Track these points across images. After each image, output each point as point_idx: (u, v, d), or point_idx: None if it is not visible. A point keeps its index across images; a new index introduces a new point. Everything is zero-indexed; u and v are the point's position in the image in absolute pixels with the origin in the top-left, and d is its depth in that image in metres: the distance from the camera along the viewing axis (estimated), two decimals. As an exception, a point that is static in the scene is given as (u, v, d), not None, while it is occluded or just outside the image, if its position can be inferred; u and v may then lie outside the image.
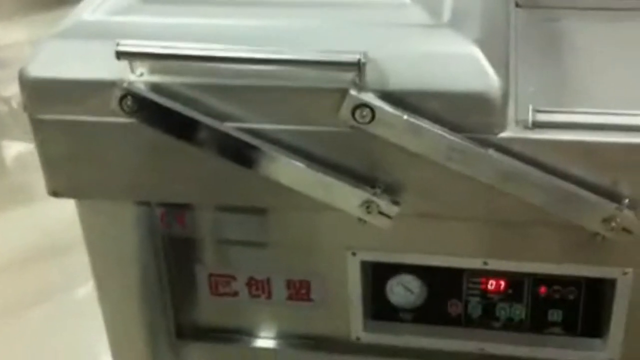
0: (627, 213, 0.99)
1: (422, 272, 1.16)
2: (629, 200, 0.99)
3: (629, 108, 1.02)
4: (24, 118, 1.10)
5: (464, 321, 1.19)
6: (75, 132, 1.07)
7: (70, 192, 1.13)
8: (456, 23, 1.04)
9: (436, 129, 0.98)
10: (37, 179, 1.14)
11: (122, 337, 1.28)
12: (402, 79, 0.99)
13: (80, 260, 1.45)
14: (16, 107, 3.04)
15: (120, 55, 1.00)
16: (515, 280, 1.15)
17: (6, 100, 2.97)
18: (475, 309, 1.18)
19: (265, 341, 1.25)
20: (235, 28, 1.06)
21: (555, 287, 1.15)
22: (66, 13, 1.14)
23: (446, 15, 1.05)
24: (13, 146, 2.82)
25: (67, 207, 1.24)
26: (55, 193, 1.11)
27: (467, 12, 1.07)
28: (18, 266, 2.29)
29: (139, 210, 1.16)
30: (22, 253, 2.33)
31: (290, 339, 1.24)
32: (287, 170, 1.03)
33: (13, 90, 2.92)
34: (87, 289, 2.16)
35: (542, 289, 1.15)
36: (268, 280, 1.19)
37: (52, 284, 2.23)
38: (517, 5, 1.33)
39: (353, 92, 0.98)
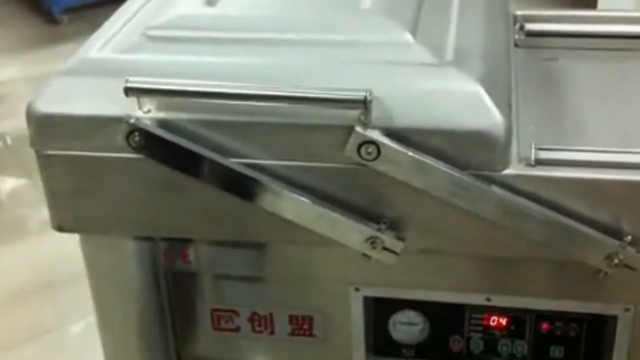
0: (630, 250, 1.01)
1: (424, 307, 1.16)
2: (631, 237, 1.01)
3: (627, 145, 1.04)
4: (19, 154, 1.11)
5: (466, 357, 1.19)
6: (81, 167, 1.08)
7: (75, 227, 1.13)
8: (459, 62, 1.06)
9: (441, 166, 1.00)
10: (31, 215, 1.15)
11: (122, 372, 1.27)
12: (407, 116, 1.00)
13: (74, 296, 1.45)
14: (11, 142, 3.04)
15: (128, 91, 1.01)
16: (518, 317, 1.16)
17: (1, 136, 2.98)
18: (477, 345, 1.18)
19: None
20: (241, 66, 1.07)
21: (557, 324, 1.15)
22: (61, 50, 1.16)
23: (449, 54, 1.07)
24: (8, 182, 2.81)
25: (61, 244, 1.24)
26: (60, 228, 1.12)
27: (470, 51, 1.09)
28: (11, 302, 2.27)
29: (142, 245, 1.16)
30: (15, 289, 2.32)
31: (293, 374, 1.24)
32: (292, 206, 1.04)
33: (8, 126, 2.94)
34: (80, 326, 2.15)
35: (544, 325, 1.16)
36: (270, 315, 1.20)
37: (45, 320, 2.22)
38: (515, 45, 1.35)
39: (359, 129, 0.99)
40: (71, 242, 1.19)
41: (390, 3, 1.15)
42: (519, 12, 1.39)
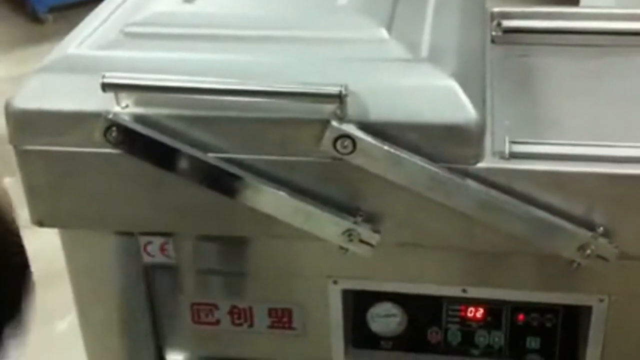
0: (602, 241, 1.02)
1: (402, 300, 1.18)
2: (604, 229, 1.02)
3: (599, 139, 1.06)
4: (3, 152, 1.11)
5: (444, 349, 1.21)
6: (59, 163, 1.08)
7: (55, 222, 1.14)
8: (434, 58, 1.07)
9: (416, 160, 1.01)
10: (16, 213, 1.15)
11: (104, 366, 1.28)
12: (382, 111, 1.02)
13: (59, 293, 1.45)
14: (-5, 141, 3.04)
15: (106, 87, 1.02)
16: (494, 308, 1.18)
17: (-15, 135, 2.98)
18: (454, 336, 1.20)
19: (247, 370, 1.26)
20: (218, 62, 1.08)
21: (533, 315, 1.17)
22: (45, 50, 1.16)
23: (424, 50, 1.09)
24: (-9, 180, 2.81)
25: (45, 241, 1.25)
26: (39, 223, 1.12)
27: (445, 47, 1.10)
28: (-5, 300, 2.27)
29: (121, 239, 1.17)
30: None
31: (272, 367, 1.25)
32: (270, 200, 1.05)
33: (-8, 124, 2.93)
34: (66, 323, 2.15)
35: (521, 317, 1.17)
36: (250, 308, 1.21)
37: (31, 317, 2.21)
38: (492, 41, 1.37)
39: (335, 123, 1.00)
40: (56, 239, 1.19)
41: (366, 0, 1.16)
42: (495, 9, 1.41)
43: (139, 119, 1.04)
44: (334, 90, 0.98)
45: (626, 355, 1.16)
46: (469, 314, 1.18)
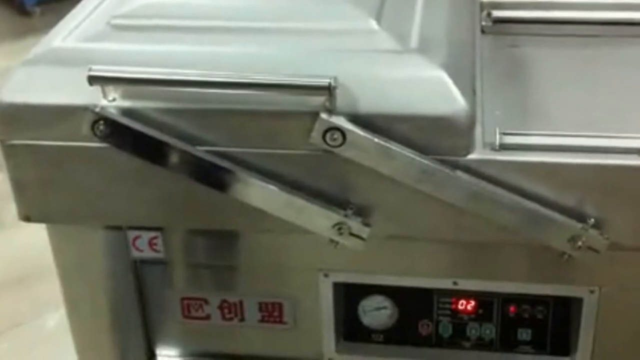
0: (592, 232, 1.02)
1: (393, 292, 1.17)
2: (594, 220, 1.02)
3: (590, 130, 1.05)
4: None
5: (435, 341, 1.21)
6: (46, 157, 1.07)
7: (42, 217, 1.13)
8: (424, 48, 1.06)
9: (406, 152, 1.00)
10: (6, 208, 1.14)
11: (93, 361, 1.27)
12: (371, 102, 1.01)
13: (49, 289, 1.44)
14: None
15: (92, 80, 1.01)
16: (485, 300, 1.17)
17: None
18: (445, 328, 1.20)
19: (237, 364, 1.25)
20: (206, 54, 1.07)
21: (524, 307, 1.17)
22: (34, 43, 1.15)
23: (414, 41, 1.08)
24: (-19, 174, 2.80)
25: (36, 236, 1.24)
26: (27, 218, 1.11)
27: (435, 38, 1.09)
28: (-14, 295, 2.26)
29: (110, 234, 1.16)
30: (-10, 281, 2.31)
31: (263, 361, 1.25)
32: (259, 193, 1.04)
33: (-19, 118, 2.90)
34: (55, 319, 2.14)
35: (512, 308, 1.17)
36: (240, 302, 1.20)
37: (21, 312, 2.21)
38: (482, 31, 1.36)
39: (324, 115, 0.99)
40: (46, 234, 1.18)
41: (355, -10, 1.15)
42: (485, -1, 1.40)
43: (126, 112, 1.03)
44: (323, 82, 0.97)
45: (617, 346, 1.16)
46: (460, 306, 1.18)
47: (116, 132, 1.03)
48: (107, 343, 1.24)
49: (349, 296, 1.19)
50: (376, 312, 1.19)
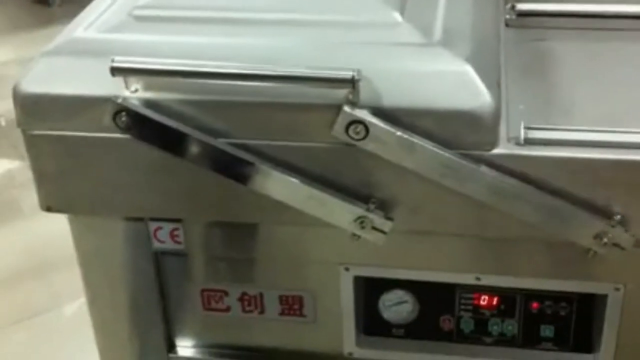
0: (618, 229, 1.01)
1: (414, 287, 1.17)
2: (620, 216, 1.00)
3: (615, 125, 1.04)
4: (13, 135, 1.10)
5: (456, 337, 1.20)
6: (68, 147, 1.07)
7: (64, 208, 1.13)
8: (448, 42, 1.05)
9: (429, 146, 0.99)
10: (25, 196, 1.14)
11: (113, 352, 1.27)
12: (395, 96, 1.00)
13: (67, 278, 1.45)
14: (4, 124, 3.03)
15: (114, 71, 1.01)
16: (508, 296, 1.16)
17: (-6, 118, 2.98)
18: (467, 324, 1.19)
19: (257, 357, 1.25)
20: (228, 46, 1.07)
21: (547, 303, 1.16)
22: (53, 32, 1.14)
23: (438, 34, 1.07)
24: (1, 163, 2.81)
25: (55, 225, 1.24)
26: (48, 208, 1.11)
27: (459, 31, 1.08)
28: (4, 284, 2.27)
29: (131, 225, 1.16)
30: (8, 270, 2.31)
31: (283, 354, 1.24)
32: (281, 186, 1.03)
33: (2, 108, 2.92)
34: (73, 308, 2.15)
35: (534, 305, 1.16)
36: (261, 295, 1.19)
37: (38, 302, 2.22)
38: (506, 25, 1.35)
39: (347, 108, 0.98)
40: (64, 224, 1.18)
41: (379, -18, 1.14)
42: (509, -8, 1.38)
43: (148, 103, 1.03)
44: (347, 74, 0.96)
45: (641, 344, 1.15)
46: (482, 302, 1.17)
47: (138, 123, 1.03)
48: (127, 334, 1.24)
49: (369, 290, 1.18)
50: (397, 307, 1.18)
